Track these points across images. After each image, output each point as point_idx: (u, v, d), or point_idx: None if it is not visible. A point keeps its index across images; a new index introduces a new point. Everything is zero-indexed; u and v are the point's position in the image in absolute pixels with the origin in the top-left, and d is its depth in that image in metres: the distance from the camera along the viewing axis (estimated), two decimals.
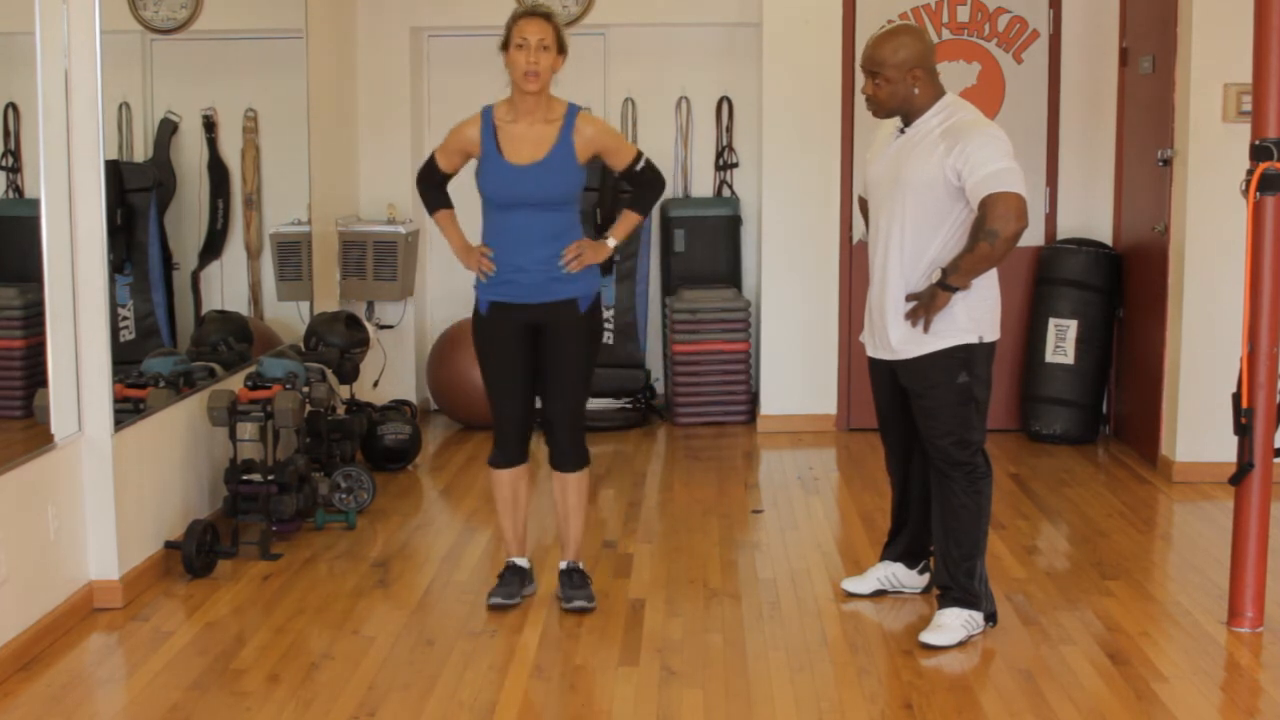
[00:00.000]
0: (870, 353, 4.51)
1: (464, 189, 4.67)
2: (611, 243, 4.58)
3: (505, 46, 4.34)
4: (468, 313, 7.61)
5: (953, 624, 4.30)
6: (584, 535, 4.75)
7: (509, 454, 4.59)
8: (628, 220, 4.62)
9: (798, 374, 7.34)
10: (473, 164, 4.52)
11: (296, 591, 4.82)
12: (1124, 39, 7.06)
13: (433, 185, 4.61)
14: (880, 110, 4.35)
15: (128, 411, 4.83)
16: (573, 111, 4.42)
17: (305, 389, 5.55)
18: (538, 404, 4.64)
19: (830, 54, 7.17)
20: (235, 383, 5.54)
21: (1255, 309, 4.33)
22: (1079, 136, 7.27)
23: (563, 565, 4.68)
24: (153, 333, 5.91)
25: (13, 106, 5.09)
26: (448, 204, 4.63)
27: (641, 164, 4.54)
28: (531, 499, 4.74)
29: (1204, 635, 4.39)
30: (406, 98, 7.62)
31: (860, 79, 4.48)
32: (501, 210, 4.42)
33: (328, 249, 7.11)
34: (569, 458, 4.59)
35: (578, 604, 4.57)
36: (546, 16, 4.33)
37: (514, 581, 4.63)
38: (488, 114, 4.44)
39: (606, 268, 7.23)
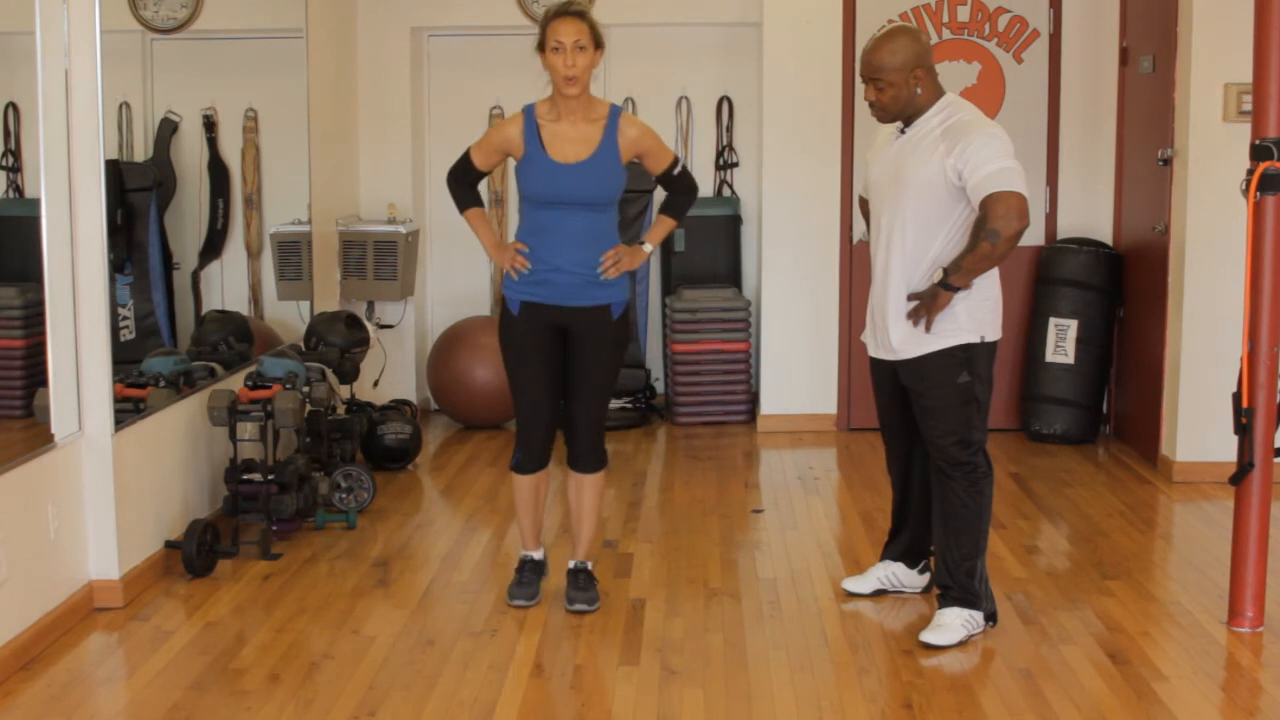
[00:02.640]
0: (871, 352, 4.51)
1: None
2: (648, 248, 4.55)
3: (541, 48, 4.29)
4: (468, 313, 7.70)
5: (953, 623, 4.30)
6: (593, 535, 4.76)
7: (533, 457, 4.55)
8: (663, 225, 4.62)
9: (798, 374, 7.34)
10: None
11: (296, 591, 4.82)
12: (1124, 39, 7.06)
13: (465, 183, 4.55)
14: (885, 115, 4.34)
15: (128, 411, 4.83)
16: (615, 112, 4.39)
17: (305, 389, 5.55)
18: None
19: (830, 54, 7.17)
20: (235, 382, 5.54)
21: (1255, 309, 4.33)
22: (1079, 136, 7.27)
23: (571, 565, 4.68)
24: (153, 333, 5.91)
25: (13, 106, 5.09)
26: (479, 201, 4.59)
27: (679, 168, 4.54)
28: (548, 496, 4.78)
29: (1204, 635, 4.39)
30: (406, 98, 7.62)
31: (860, 84, 4.48)
32: (541, 208, 4.37)
33: (328, 249, 7.10)
34: (588, 460, 4.60)
35: (578, 606, 4.57)
36: (580, 14, 4.27)
37: (533, 580, 4.65)
38: (530, 112, 4.38)
39: None
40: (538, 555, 4.71)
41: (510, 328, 4.49)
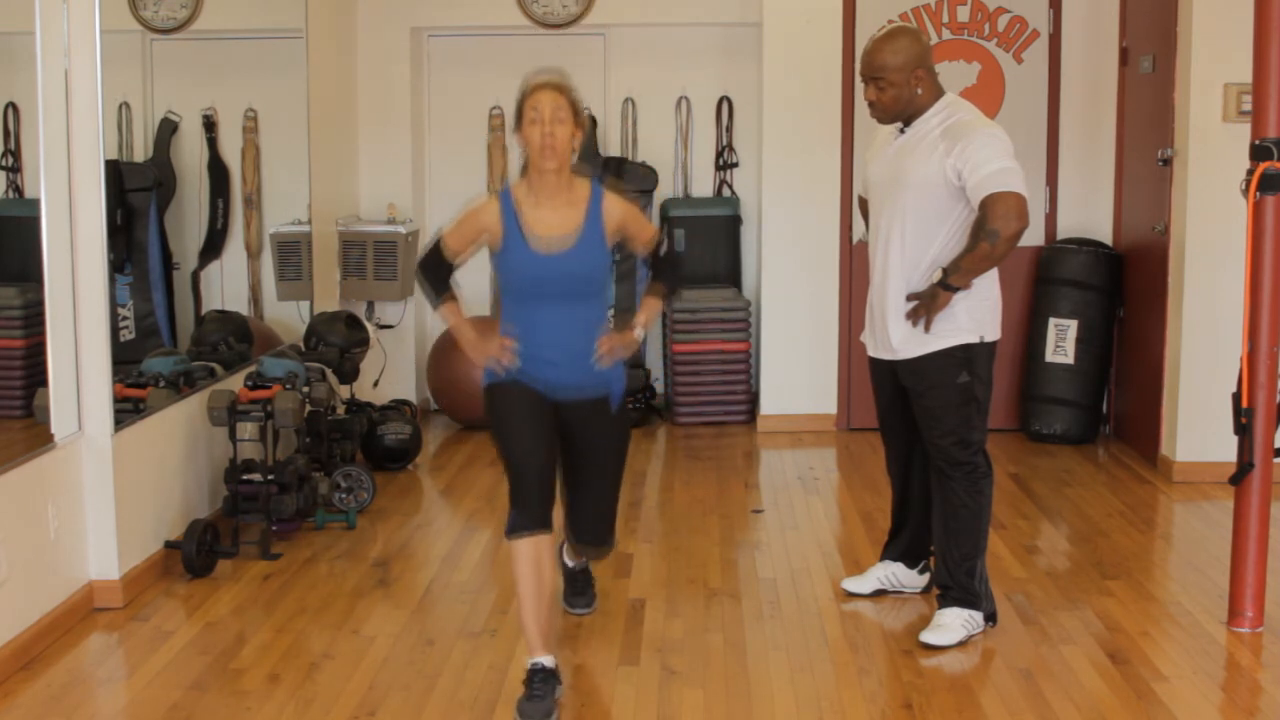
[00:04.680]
0: (871, 352, 4.51)
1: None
2: (639, 333, 4.10)
3: (518, 124, 3.90)
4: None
5: (953, 624, 4.30)
6: None
7: (532, 514, 3.83)
8: (652, 305, 4.18)
9: (798, 374, 7.34)
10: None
11: (296, 591, 4.82)
12: (1124, 39, 7.06)
13: (437, 275, 4.05)
14: (885, 116, 4.34)
15: (128, 411, 4.83)
16: (598, 190, 3.99)
17: (305, 389, 5.55)
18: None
19: (830, 54, 7.17)
20: (235, 383, 5.54)
21: (1255, 309, 4.33)
22: (1079, 136, 7.27)
23: (570, 565, 4.60)
24: (153, 333, 5.92)
25: (13, 106, 5.10)
26: (453, 295, 4.08)
27: (664, 245, 4.18)
28: (555, 582, 4.10)
29: (1204, 635, 4.39)
30: (406, 98, 7.62)
31: (860, 83, 4.47)
32: (525, 300, 3.96)
33: (328, 249, 7.11)
34: (594, 540, 4.26)
35: (579, 610, 4.57)
36: (559, 87, 3.88)
37: (546, 692, 3.81)
38: (506, 196, 3.95)
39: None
40: (549, 662, 3.87)
41: (495, 384, 4.00)
